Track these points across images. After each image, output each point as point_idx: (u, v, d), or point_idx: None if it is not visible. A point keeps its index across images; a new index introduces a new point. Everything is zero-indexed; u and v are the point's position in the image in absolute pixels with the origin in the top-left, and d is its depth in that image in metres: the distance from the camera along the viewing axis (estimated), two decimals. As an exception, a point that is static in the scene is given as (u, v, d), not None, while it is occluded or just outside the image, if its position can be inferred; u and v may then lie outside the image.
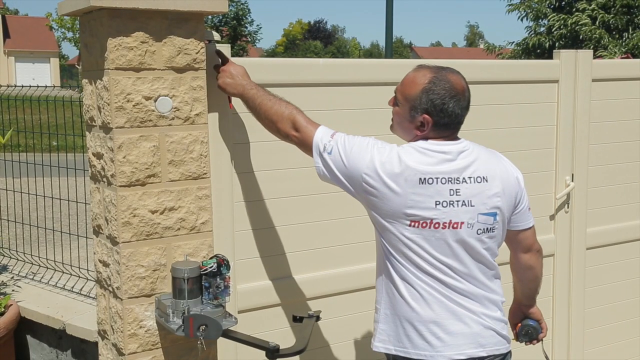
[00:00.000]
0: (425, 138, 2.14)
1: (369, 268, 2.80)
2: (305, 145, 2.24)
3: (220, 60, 2.47)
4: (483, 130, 3.10)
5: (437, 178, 2.06)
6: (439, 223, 2.06)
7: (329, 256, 2.86)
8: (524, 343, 2.42)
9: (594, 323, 3.62)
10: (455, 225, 2.08)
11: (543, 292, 3.36)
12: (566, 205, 3.45)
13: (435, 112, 2.10)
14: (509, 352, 2.22)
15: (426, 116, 2.11)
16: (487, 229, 2.13)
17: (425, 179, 2.05)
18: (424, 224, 2.06)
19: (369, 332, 2.99)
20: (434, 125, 2.12)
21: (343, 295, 2.90)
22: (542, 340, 2.44)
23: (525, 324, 2.42)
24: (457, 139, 2.17)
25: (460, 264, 2.11)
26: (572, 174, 3.43)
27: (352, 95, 2.83)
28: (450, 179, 2.07)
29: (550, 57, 3.53)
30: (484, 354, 2.12)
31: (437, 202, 2.06)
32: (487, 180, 2.13)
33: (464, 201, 2.08)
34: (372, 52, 72.75)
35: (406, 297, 2.12)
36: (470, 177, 2.10)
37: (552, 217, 3.43)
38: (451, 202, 2.07)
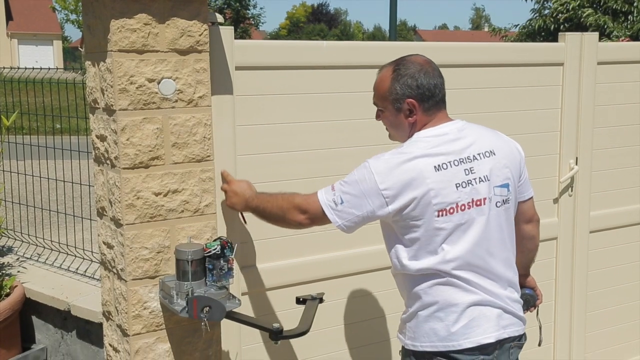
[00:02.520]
0: (420, 127, 2.15)
1: (374, 250, 2.81)
2: (319, 218, 2.17)
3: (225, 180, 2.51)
4: (487, 113, 3.10)
5: (449, 162, 2.08)
6: (464, 205, 2.08)
7: (334, 238, 2.86)
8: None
9: (596, 306, 3.63)
10: (478, 202, 2.10)
11: (545, 275, 3.39)
12: (570, 189, 3.45)
13: (414, 91, 2.13)
14: (524, 334, 2.25)
15: (409, 100, 2.14)
16: (504, 200, 2.16)
17: (439, 165, 2.06)
18: (452, 210, 2.06)
19: (374, 315, 3.00)
20: (421, 104, 2.14)
21: (349, 277, 2.91)
22: (538, 306, 2.53)
23: (522, 292, 2.46)
24: (450, 119, 2.19)
25: (488, 242, 2.12)
26: (576, 158, 3.43)
27: (355, 78, 2.81)
28: (462, 160, 2.10)
29: (555, 40, 3.51)
30: (506, 336, 2.15)
31: (457, 185, 2.07)
32: (494, 154, 2.16)
33: (480, 177, 2.11)
34: (375, 35, 72.35)
35: (432, 291, 2.11)
36: (479, 154, 2.13)
37: (555, 201, 3.43)
38: (469, 181, 2.09)
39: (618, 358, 3.77)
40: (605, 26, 13.08)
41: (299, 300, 2.56)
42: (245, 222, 2.59)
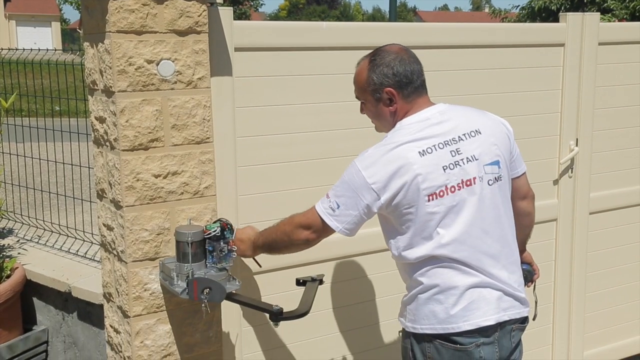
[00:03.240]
0: (402, 115, 2.15)
1: (371, 233, 2.81)
2: (322, 229, 2.16)
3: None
4: (487, 95, 3.09)
5: (434, 145, 2.08)
6: (454, 186, 2.07)
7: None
8: None
9: (595, 287, 3.64)
10: (468, 183, 2.09)
11: (545, 256, 3.40)
12: (570, 170, 3.44)
13: (391, 79, 2.13)
14: (527, 316, 2.25)
15: (387, 89, 2.14)
16: (496, 178, 2.15)
17: (423, 150, 2.06)
18: (441, 193, 2.06)
19: (372, 296, 3.01)
20: (399, 92, 2.14)
21: (347, 259, 2.92)
22: (535, 281, 2.54)
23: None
24: (432, 103, 2.19)
25: (483, 221, 2.11)
26: (577, 139, 3.42)
27: (355, 59, 2.78)
28: (446, 142, 2.09)
29: (556, 21, 3.49)
30: (506, 318, 2.15)
31: (445, 167, 2.07)
32: (480, 132, 2.15)
33: (468, 157, 2.10)
34: (375, 17, 71.93)
35: (432, 274, 2.11)
36: (464, 134, 2.12)
37: (555, 182, 3.43)
38: (457, 163, 2.08)
39: (617, 339, 3.79)
40: (604, 3, 13.01)
41: (299, 282, 2.57)
42: (260, 266, 2.58)
